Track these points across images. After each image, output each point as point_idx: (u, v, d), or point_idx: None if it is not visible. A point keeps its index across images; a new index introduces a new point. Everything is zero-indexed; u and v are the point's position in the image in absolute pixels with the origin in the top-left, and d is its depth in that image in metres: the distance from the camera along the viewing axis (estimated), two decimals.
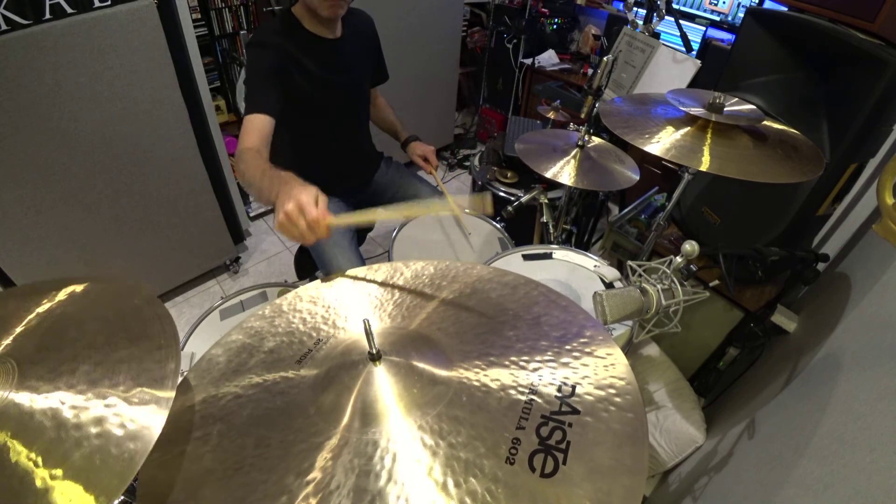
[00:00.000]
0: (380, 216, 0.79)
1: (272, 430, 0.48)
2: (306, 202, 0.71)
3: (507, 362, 0.53)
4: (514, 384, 0.50)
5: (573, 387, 0.49)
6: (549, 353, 0.53)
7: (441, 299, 0.65)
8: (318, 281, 0.71)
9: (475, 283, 0.67)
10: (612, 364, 0.51)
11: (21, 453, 0.40)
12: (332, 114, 1.35)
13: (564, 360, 0.53)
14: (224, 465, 0.45)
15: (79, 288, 0.58)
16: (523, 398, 0.48)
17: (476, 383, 0.51)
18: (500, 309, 0.62)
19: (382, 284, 0.69)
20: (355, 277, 0.71)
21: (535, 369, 0.52)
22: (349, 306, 0.65)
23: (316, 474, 0.43)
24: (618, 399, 0.48)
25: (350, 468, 0.44)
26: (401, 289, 0.68)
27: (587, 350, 0.53)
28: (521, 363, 0.53)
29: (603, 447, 0.43)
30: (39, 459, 0.40)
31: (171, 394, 0.45)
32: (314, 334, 0.61)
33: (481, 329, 0.59)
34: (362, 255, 1.41)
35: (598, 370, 0.51)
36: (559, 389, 0.49)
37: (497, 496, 0.40)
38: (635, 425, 0.45)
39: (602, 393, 0.48)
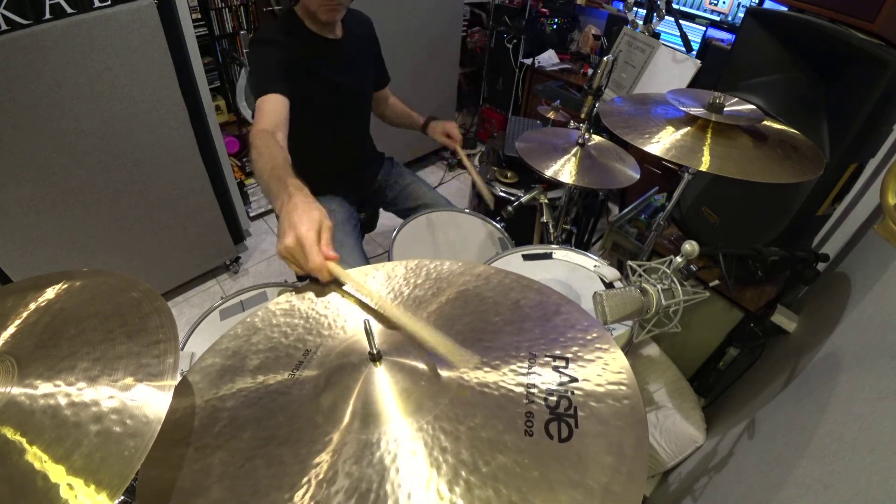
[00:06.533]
0: (385, 307, 0.63)
1: (282, 446, 0.47)
2: (309, 242, 0.64)
3: (501, 345, 0.55)
4: (514, 364, 0.53)
5: (566, 359, 0.53)
6: (537, 331, 0.57)
7: (426, 296, 0.65)
8: (291, 292, 0.67)
9: (449, 277, 0.68)
10: (594, 334, 0.56)
11: (24, 452, 0.40)
12: (335, 113, 1.35)
13: (552, 336, 0.56)
14: (236, 492, 0.44)
15: (76, 283, 0.58)
16: (525, 376, 0.51)
17: (478, 368, 0.53)
18: (480, 298, 0.63)
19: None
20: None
21: (529, 347, 0.55)
22: (328, 314, 0.65)
23: (344, 481, 0.43)
24: (607, 363, 0.52)
25: (378, 467, 0.44)
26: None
27: (569, 324, 0.57)
28: (515, 343, 0.55)
29: (605, 405, 0.47)
30: (42, 458, 0.40)
31: (171, 390, 0.45)
32: (300, 345, 0.60)
33: (468, 318, 0.60)
34: (366, 255, 1.40)
35: (584, 340, 0.55)
36: (554, 362, 0.52)
37: (526, 466, 0.42)
38: (627, 381, 0.50)
39: (592, 359, 0.52)
